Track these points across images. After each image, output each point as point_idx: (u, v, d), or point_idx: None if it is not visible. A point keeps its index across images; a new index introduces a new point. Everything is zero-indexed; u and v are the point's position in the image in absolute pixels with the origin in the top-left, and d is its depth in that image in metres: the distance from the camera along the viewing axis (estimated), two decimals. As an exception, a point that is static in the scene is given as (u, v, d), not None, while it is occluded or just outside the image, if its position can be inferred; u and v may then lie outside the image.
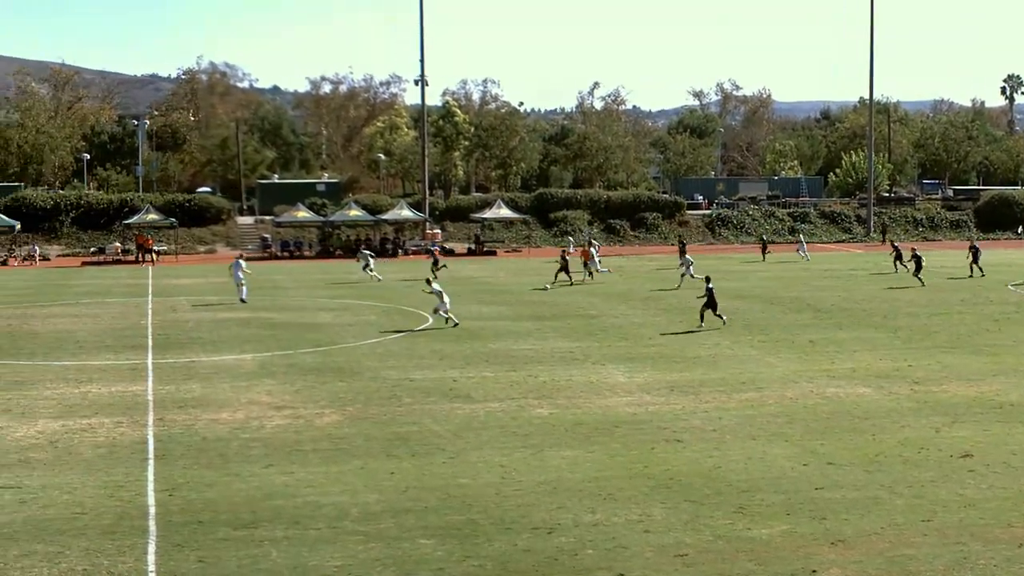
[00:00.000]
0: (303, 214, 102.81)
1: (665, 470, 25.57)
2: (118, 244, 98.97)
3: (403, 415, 31.62)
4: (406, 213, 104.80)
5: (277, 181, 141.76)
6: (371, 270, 71.87)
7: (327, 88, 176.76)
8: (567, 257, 70.33)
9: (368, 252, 76.48)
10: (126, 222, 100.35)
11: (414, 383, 36.36)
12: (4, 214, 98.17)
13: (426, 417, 31.30)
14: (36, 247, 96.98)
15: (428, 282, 52.17)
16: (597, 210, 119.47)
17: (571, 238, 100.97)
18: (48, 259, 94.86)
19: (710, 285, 47.79)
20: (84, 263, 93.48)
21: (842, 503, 23.01)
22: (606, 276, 72.79)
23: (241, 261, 59.98)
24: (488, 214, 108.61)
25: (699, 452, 27.21)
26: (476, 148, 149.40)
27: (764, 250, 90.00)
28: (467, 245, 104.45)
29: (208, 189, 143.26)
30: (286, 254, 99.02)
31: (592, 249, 74.82)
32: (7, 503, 23.47)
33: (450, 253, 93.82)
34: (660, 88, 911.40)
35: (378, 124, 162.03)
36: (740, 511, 22.49)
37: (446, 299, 49.50)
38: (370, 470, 25.82)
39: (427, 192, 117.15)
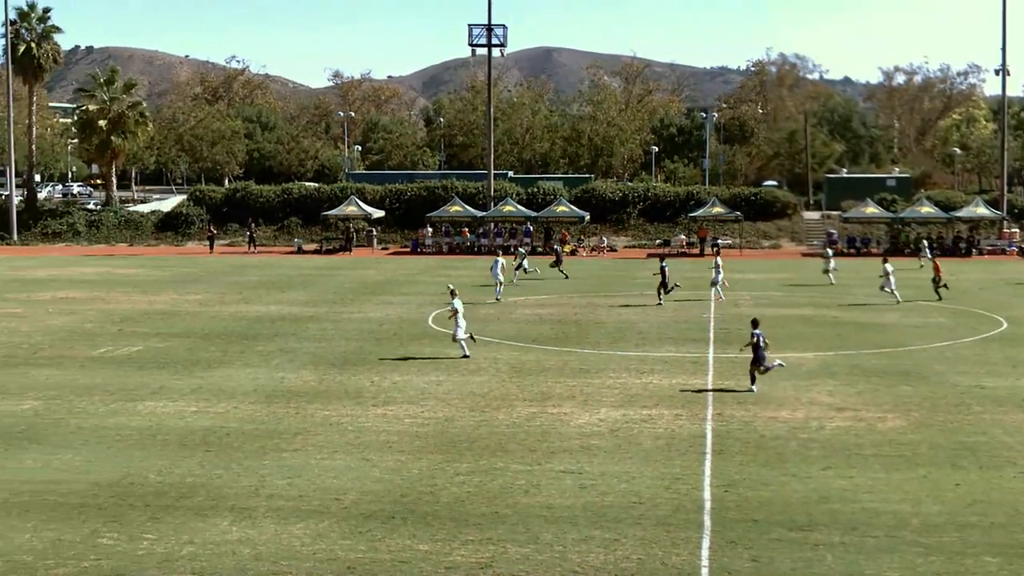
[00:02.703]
0: (871, 210, 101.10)
1: None
2: (683, 237, 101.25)
3: (971, 424, 30.58)
4: (982, 211, 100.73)
5: (845, 175, 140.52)
6: (525, 270, 70.14)
7: (900, 79, 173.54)
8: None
9: (523, 250, 74.48)
10: (691, 215, 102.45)
11: (985, 391, 35.06)
12: (575, 205, 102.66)
13: (996, 427, 30.13)
14: (604, 238, 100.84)
15: (452, 294, 43.03)
16: None
17: (926, 243, 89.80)
18: (615, 250, 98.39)
19: (756, 331, 35.74)
20: (649, 255, 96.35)
21: None
22: None
23: (500, 260, 59.35)
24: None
25: None
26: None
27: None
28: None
29: (774, 183, 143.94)
30: (852, 251, 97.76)
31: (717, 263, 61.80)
32: (568, 488, 24.61)
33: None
34: None
35: (954, 116, 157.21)
36: None
37: (462, 322, 41.81)
38: (934, 480, 25.16)
39: (1005, 189, 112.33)
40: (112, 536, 21.73)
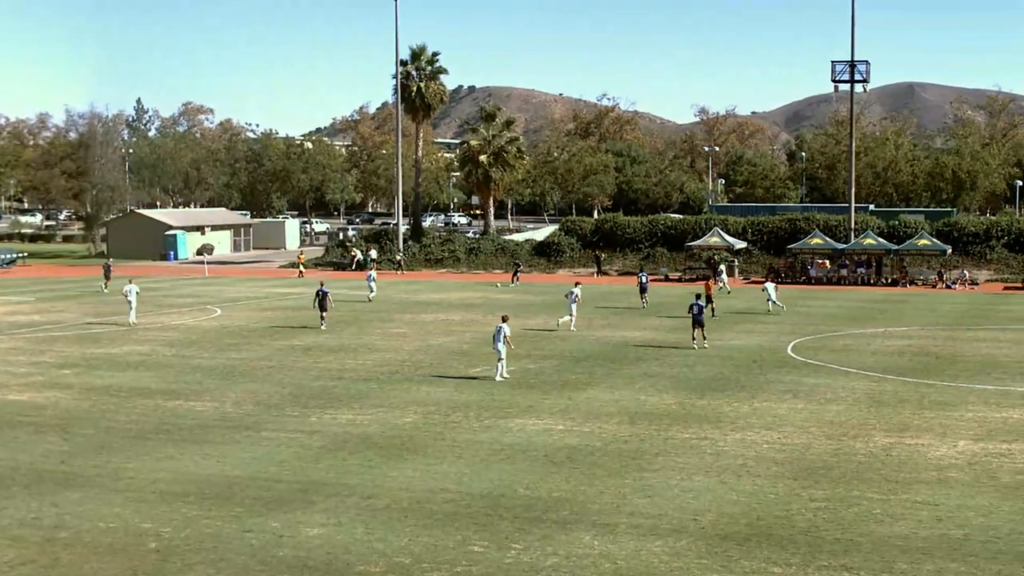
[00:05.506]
0: None
1: None
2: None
3: None
4: None
5: None
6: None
7: None
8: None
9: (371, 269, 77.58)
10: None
11: None
12: (936, 238, 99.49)
13: None
14: (965, 272, 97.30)
15: (129, 281, 53.29)
16: None
17: None
18: (976, 284, 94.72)
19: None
20: (1005, 288, 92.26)
21: None
22: None
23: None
24: None
25: None
26: None
27: None
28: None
29: None
30: None
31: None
32: (924, 519, 23.89)
33: None
34: None
35: None
36: None
37: (132, 310, 56.91)
38: None
39: None
40: (482, 544, 22.38)
